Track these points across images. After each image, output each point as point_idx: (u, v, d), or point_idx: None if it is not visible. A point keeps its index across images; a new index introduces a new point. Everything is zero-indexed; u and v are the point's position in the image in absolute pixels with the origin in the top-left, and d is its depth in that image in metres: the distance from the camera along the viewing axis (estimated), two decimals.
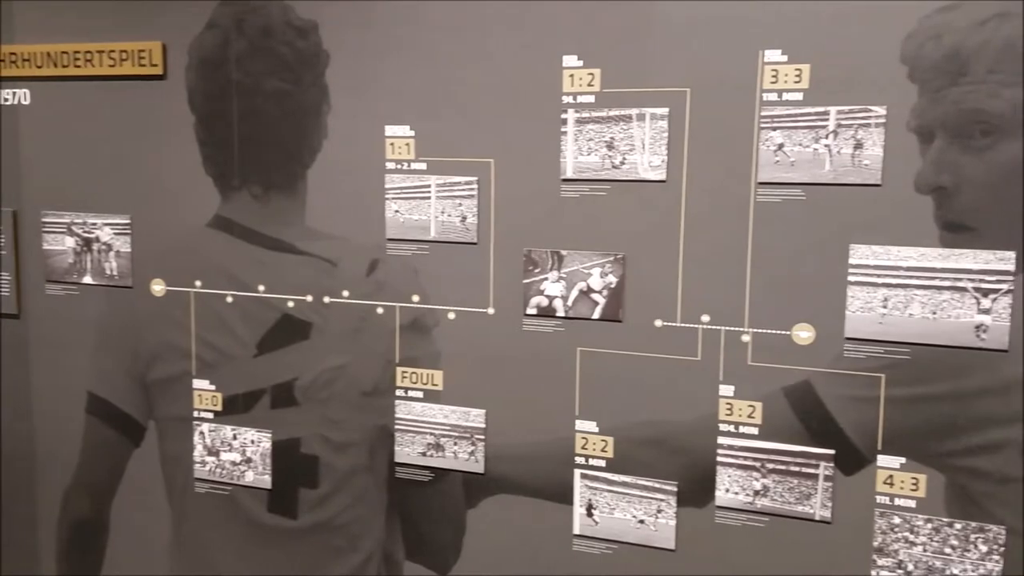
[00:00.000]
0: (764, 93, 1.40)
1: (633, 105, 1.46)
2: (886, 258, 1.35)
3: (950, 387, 1.33)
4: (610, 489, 1.53)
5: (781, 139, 1.40)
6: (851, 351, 1.38)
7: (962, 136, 1.30)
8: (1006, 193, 1.29)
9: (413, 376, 1.63)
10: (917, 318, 1.35)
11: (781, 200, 1.41)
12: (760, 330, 1.43)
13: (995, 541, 1.33)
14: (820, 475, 1.41)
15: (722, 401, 1.46)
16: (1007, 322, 1.30)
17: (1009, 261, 1.29)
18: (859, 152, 1.36)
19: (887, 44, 1.33)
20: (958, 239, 1.32)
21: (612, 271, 1.50)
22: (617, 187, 1.49)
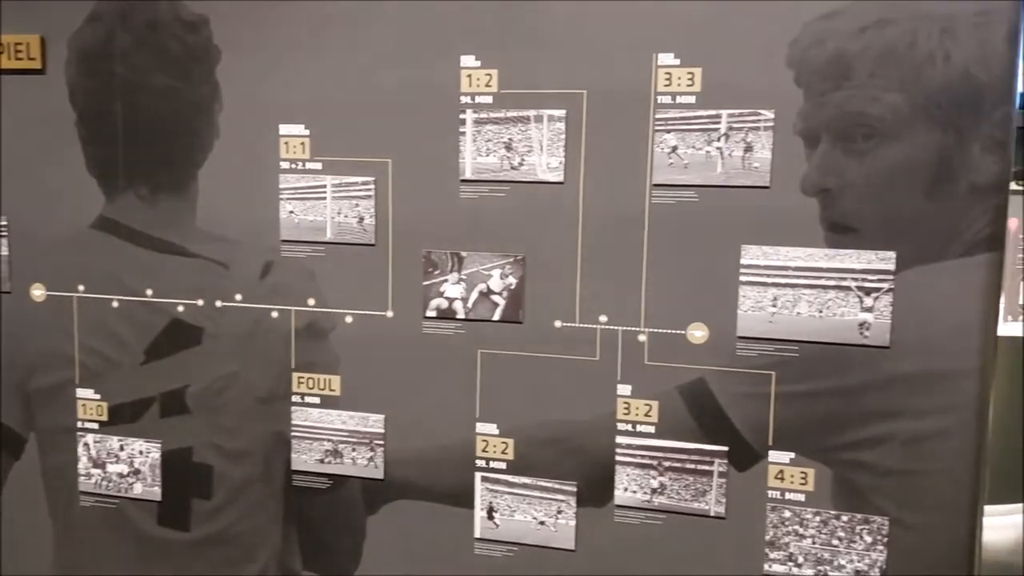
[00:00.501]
0: (658, 96, 1.41)
1: (531, 106, 1.46)
2: (775, 258, 1.39)
3: (836, 383, 1.38)
4: (511, 491, 1.52)
5: (675, 142, 1.42)
6: (743, 349, 1.41)
7: (845, 139, 1.34)
8: (887, 195, 1.34)
9: (310, 381, 1.59)
10: (805, 316, 1.38)
11: (675, 202, 1.43)
12: (656, 330, 1.45)
13: (879, 532, 1.37)
14: (715, 472, 1.43)
15: (620, 400, 1.47)
16: (888, 320, 1.34)
17: (890, 261, 1.34)
18: (749, 155, 1.39)
19: (774, 49, 1.36)
20: (842, 240, 1.36)
21: (512, 272, 1.49)
22: (516, 188, 1.48)
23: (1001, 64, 1.28)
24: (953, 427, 1.33)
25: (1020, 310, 2.89)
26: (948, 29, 1.29)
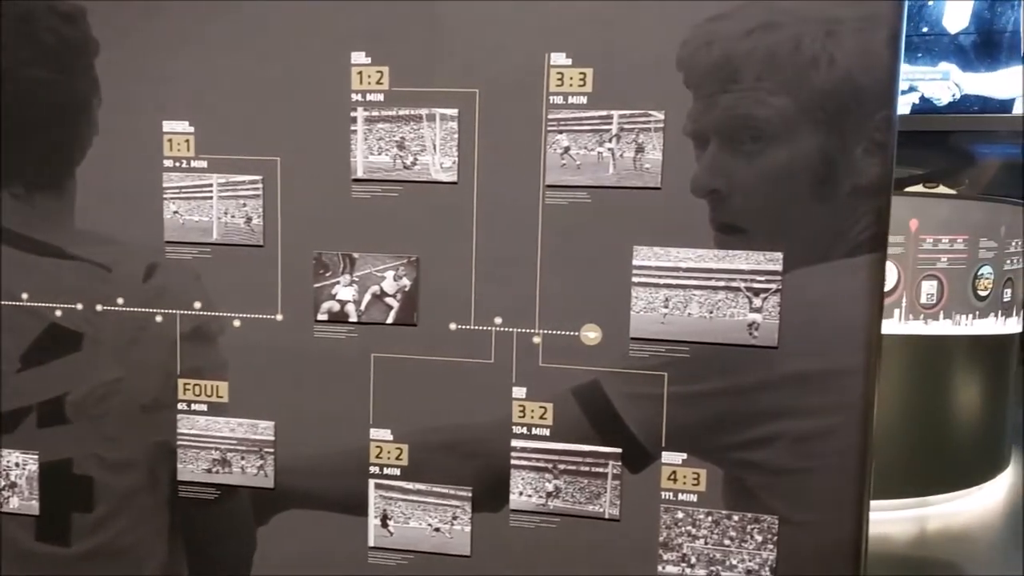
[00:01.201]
0: (551, 96, 1.40)
1: (423, 105, 1.43)
2: (667, 259, 1.39)
3: (726, 383, 1.38)
4: (405, 498, 1.49)
5: (567, 142, 1.41)
6: (636, 350, 1.41)
7: (733, 141, 1.35)
8: (774, 196, 1.35)
9: (196, 388, 1.53)
10: (695, 317, 1.39)
11: (568, 203, 1.42)
12: (550, 331, 1.44)
13: (769, 531, 1.39)
14: (609, 474, 1.43)
15: (515, 403, 1.45)
16: (776, 320, 1.36)
17: (777, 262, 1.36)
18: (640, 156, 1.39)
19: (664, 50, 1.36)
20: (731, 241, 1.37)
21: (406, 274, 1.46)
22: (409, 188, 1.45)
23: (882, 68, 1.31)
24: (839, 425, 1.35)
25: (920, 308, 2.99)
26: (832, 33, 1.31)
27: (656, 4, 1.36)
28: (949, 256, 2.99)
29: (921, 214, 2.96)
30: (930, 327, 2.99)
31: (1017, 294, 3.29)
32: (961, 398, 3.15)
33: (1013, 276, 3.22)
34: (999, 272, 3.12)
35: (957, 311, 3.02)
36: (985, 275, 3.07)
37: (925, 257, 2.96)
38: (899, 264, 2.93)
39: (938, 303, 2.99)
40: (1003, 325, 3.19)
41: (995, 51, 5.77)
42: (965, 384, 3.17)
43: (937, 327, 3.00)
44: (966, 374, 3.17)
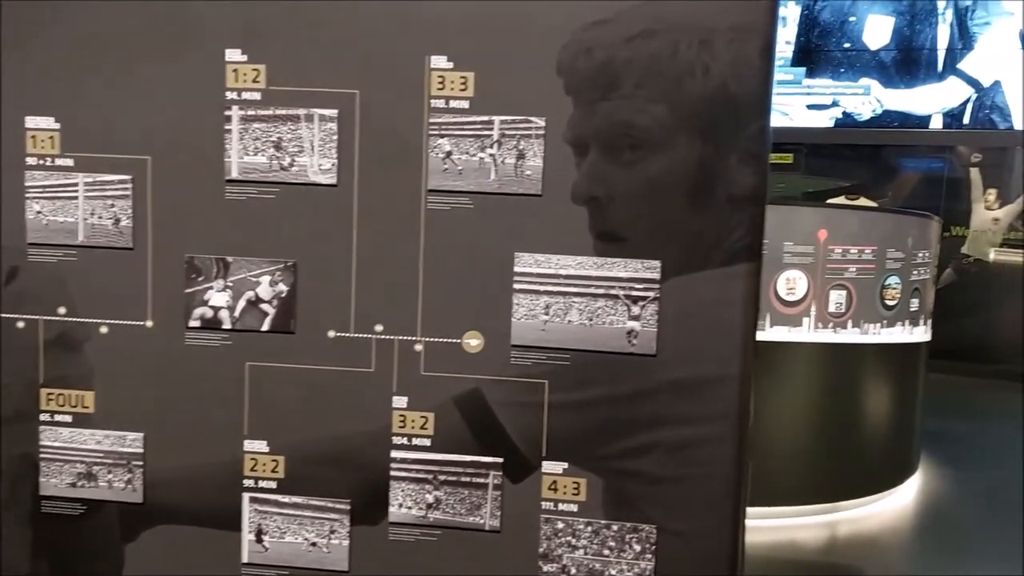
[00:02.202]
0: (432, 100, 1.38)
1: (301, 105, 1.39)
2: (548, 266, 1.37)
3: (606, 391, 1.37)
4: (281, 512, 1.44)
5: (449, 147, 1.38)
6: (517, 358, 1.39)
7: (613, 149, 1.35)
8: (652, 205, 1.35)
9: (60, 398, 1.46)
10: (576, 325, 1.37)
11: (450, 208, 1.39)
12: (432, 339, 1.41)
13: (648, 540, 1.38)
14: (489, 484, 1.40)
15: (395, 413, 1.42)
16: (654, 328, 1.35)
17: (655, 270, 1.35)
18: (522, 162, 1.37)
19: (545, 56, 1.35)
20: (610, 248, 1.36)
21: (282, 279, 1.42)
22: (286, 190, 1.41)
23: (756, 78, 1.31)
24: (715, 434, 1.35)
25: (829, 317, 3.04)
26: (707, 42, 1.31)
27: (537, 8, 1.34)
28: (858, 266, 3.05)
29: (830, 225, 3.02)
30: (839, 336, 3.04)
31: (924, 304, 3.37)
32: (870, 405, 3.22)
33: (920, 286, 3.30)
34: (906, 282, 3.20)
35: (865, 320, 3.08)
36: (893, 285, 3.14)
37: (834, 267, 3.01)
38: (808, 274, 2.98)
39: (847, 312, 3.05)
40: (910, 334, 3.27)
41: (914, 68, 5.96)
42: (874, 392, 3.24)
43: (846, 336, 3.06)
44: (875, 382, 3.24)
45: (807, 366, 3.05)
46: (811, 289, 2.98)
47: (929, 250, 3.35)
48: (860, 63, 5.95)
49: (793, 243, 2.98)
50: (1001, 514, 3.16)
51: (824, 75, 5.97)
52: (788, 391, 3.04)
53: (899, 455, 3.38)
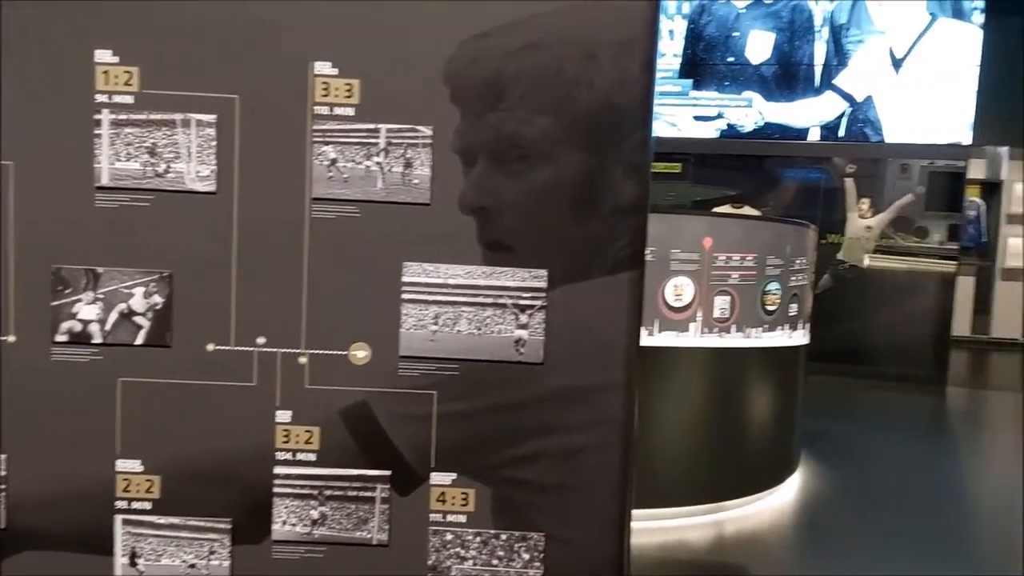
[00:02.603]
0: (316, 106, 1.35)
1: (177, 109, 1.34)
2: (436, 276, 1.37)
3: (494, 400, 1.37)
4: (156, 534, 1.38)
5: (334, 154, 1.36)
6: (405, 369, 1.37)
7: (500, 159, 1.35)
8: (539, 215, 1.36)
9: None
10: (465, 334, 1.37)
11: (336, 216, 1.37)
12: (318, 351, 1.38)
13: (536, 548, 1.38)
14: (377, 498, 1.38)
15: (279, 428, 1.38)
16: (541, 336, 1.36)
17: (542, 279, 1.36)
18: (409, 171, 1.36)
19: (432, 65, 1.34)
20: (499, 258, 1.37)
21: (157, 291, 1.36)
22: (161, 197, 1.35)
23: (638, 93, 1.34)
24: (601, 441, 1.37)
25: (714, 322, 3.15)
26: (591, 57, 1.33)
27: (423, 18, 1.34)
28: (740, 273, 3.17)
29: (715, 233, 3.12)
30: (724, 340, 3.15)
31: (803, 308, 3.53)
32: (753, 407, 3.34)
33: (798, 291, 3.45)
34: (785, 288, 3.34)
35: (748, 325, 3.20)
36: (772, 291, 3.27)
37: (718, 274, 3.12)
38: (695, 280, 3.07)
39: (730, 317, 3.15)
40: (790, 338, 3.41)
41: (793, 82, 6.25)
42: (756, 394, 3.36)
43: (730, 340, 3.16)
44: (757, 385, 3.36)
45: (694, 370, 3.14)
46: (697, 295, 3.07)
47: (806, 257, 3.51)
48: (743, 77, 6.21)
49: (680, 250, 3.06)
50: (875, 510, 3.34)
51: (710, 88, 6.20)
52: (676, 395, 3.12)
53: (780, 455, 3.52)
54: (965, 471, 3.98)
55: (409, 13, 1.34)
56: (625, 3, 1.33)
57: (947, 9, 5.91)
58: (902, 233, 6.22)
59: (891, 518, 3.24)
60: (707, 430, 3.18)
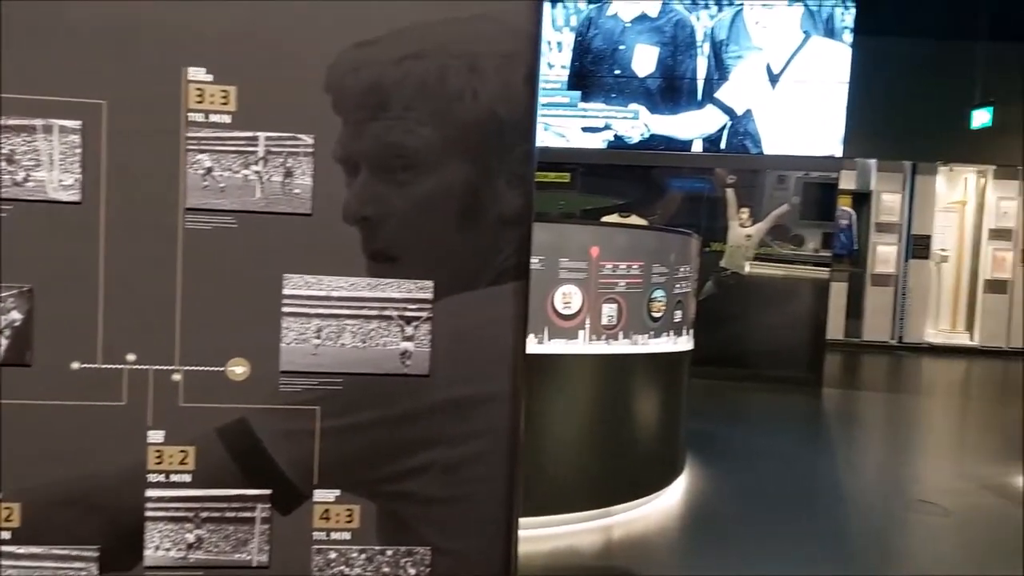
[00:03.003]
0: (190, 113, 1.30)
1: (38, 114, 1.26)
2: (319, 288, 1.34)
3: (380, 414, 1.35)
4: (16, 564, 1.29)
5: (210, 163, 1.31)
6: (287, 384, 1.34)
7: (384, 169, 1.34)
8: (424, 225, 1.35)
9: None
10: (349, 347, 1.34)
11: (212, 228, 1.32)
12: (193, 368, 1.32)
13: (422, 563, 1.37)
14: (257, 518, 1.34)
15: (151, 449, 1.31)
16: (427, 348, 1.35)
17: (428, 290, 1.35)
18: (289, 180, 1.33)
19: (312, 73, 1.32)
20: (384, 269, 1.35)
21: (16, 306, 1.27)
22: (20, 207, 1.27)
23: (520, 104, 1.36)
24: (487, 451, 1.37)
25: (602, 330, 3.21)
26: (475, 68, 1.34)
27: (304, 25, 1.31)
28: (627, 280, 3.24)
29: (601, 242, 3.19)
30: (611, 347, 3.21)
31: (687, 315, 3.64)
32: (640, 412, 3.42)
33: (682, 298, 3.56)
34: (670, 295, 3.44)
35: (634, 332, 3.28)
36: (658, 298, 3.37)
37: (605, 282, 3.18)
38: (583, 288, 3.12)
39: (618, 324, 3.22)
40: (674, 344, 3.52)
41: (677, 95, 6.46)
42: (643, 399, 3.44)
43: (617, 347, 3.23)
44: (644, 390, 3.45)
45: (583, 377, 3.19)
46: (585, 303, 3.12)
47: (690, 265, 3.62)
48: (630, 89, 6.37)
49: (569, 259, 3.11)
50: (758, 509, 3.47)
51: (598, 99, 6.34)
52: (566, 402, 3.16)
53: (667, 458, 3.62)
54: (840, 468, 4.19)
55: (289, 19, 1.31)
56: (507, 16, 1.34)
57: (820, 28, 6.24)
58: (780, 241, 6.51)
59: (773, 516, 3.38)
60: (596, 436, 3.24)
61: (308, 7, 1.31)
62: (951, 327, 8.82)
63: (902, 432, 5.25)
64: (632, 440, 3.37)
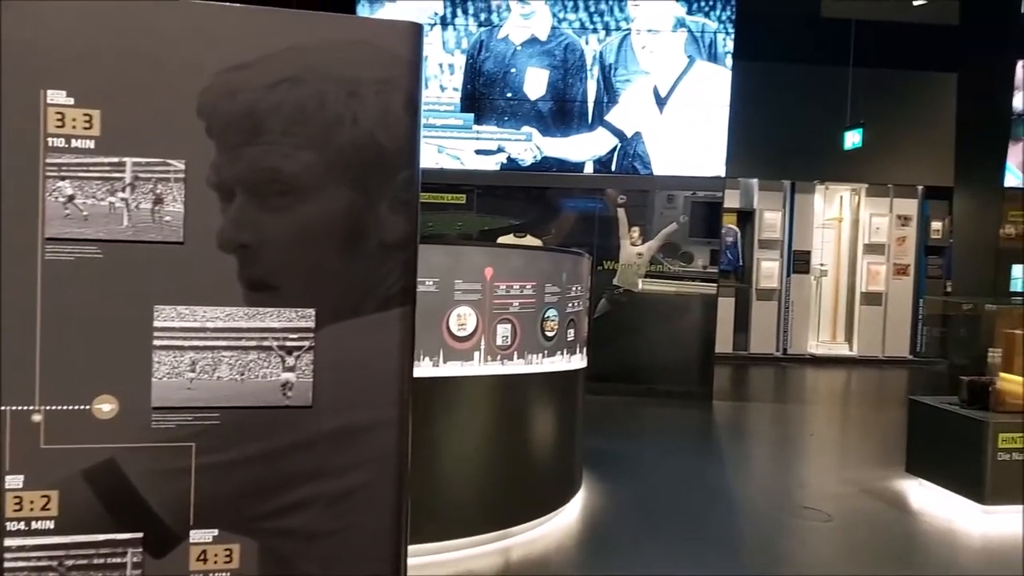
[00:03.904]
0: (49, 138, 1.23)
1: None
2: (193, 319, 1.28)
3: (260, 448, 1.31)
4: None
5: (71, 190, 1.24)
6: (159, 421, 1.28)
7: (261, 195, 1.30)
8: (305, 252, 1.32)
9: None
10: (226, 380, 1.30)
11: (74, 258, 1.25)
12: (55, 407, 1.25)
13: None
14: (128, 563, 1.27)
15: (9, 495, 1.23)
16: (310, 378, 1.32)
17: (309, 318, 1.32)
18: (159, 207, 1.27)
19: (184, 96, 1.27)
20: (263, 298, 1.31)
21: None
22: None
23: (402, 130, 1.35)
24: (374, 480, 1.35)
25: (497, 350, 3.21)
26: (354, 93, 1.32)
27: (175, 48, 1.26)
28: (520, 301, 3.26)
29: (495, 263, 3.20)
30: (506, 367, 3.22)
31: (579, 333, 3.69)
32: (536, 431, 3.44)
33: (575, 317, 3.61)
34: (563, 314, 3.48)
35: (529, 351, 3.29)
36: (551, 317, 3.40)
37: (500, 303, 3.19)
38: (477, 310, 3.12)
39: (512, 344, 3.23)
40: (568, 362, 3.56)
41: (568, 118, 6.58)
42: (539, 418, 3.46)
43: (512, 367, 3.24)
44: (539, 409, 3.46)
45: (478, 398, 3.18)
46: (480, 324, 3.12)
47: (582, 284, 3.68)
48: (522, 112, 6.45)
49: (463, 281, 3.11)
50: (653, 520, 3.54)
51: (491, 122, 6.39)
52: (462, 424, 3.15)
53: (564, 476, 3.64)
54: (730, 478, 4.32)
55: (159, 41, 1.26)
56: (386, 41, 1.33)
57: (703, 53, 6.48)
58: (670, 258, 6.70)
59: (668, 527, 3.45)
60: (493, 457, 3.23)
61: (179, 29, 1.27)
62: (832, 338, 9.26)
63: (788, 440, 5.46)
64: (529, 460, 3.38)
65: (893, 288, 8.99)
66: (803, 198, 8.99)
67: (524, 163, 6.48)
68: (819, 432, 5.74)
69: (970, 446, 3.71)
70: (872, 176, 8.83)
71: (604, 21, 6.42)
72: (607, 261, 6.60)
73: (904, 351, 8.91)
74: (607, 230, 6.76)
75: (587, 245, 6.54)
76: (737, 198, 8.95)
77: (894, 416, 4.89)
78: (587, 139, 6.59)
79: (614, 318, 6.61)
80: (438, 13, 6.30)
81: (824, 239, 9.18)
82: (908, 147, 8.67)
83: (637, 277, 6.73)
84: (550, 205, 6.93)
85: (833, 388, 7.74)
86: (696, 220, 6.69)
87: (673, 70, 6.51)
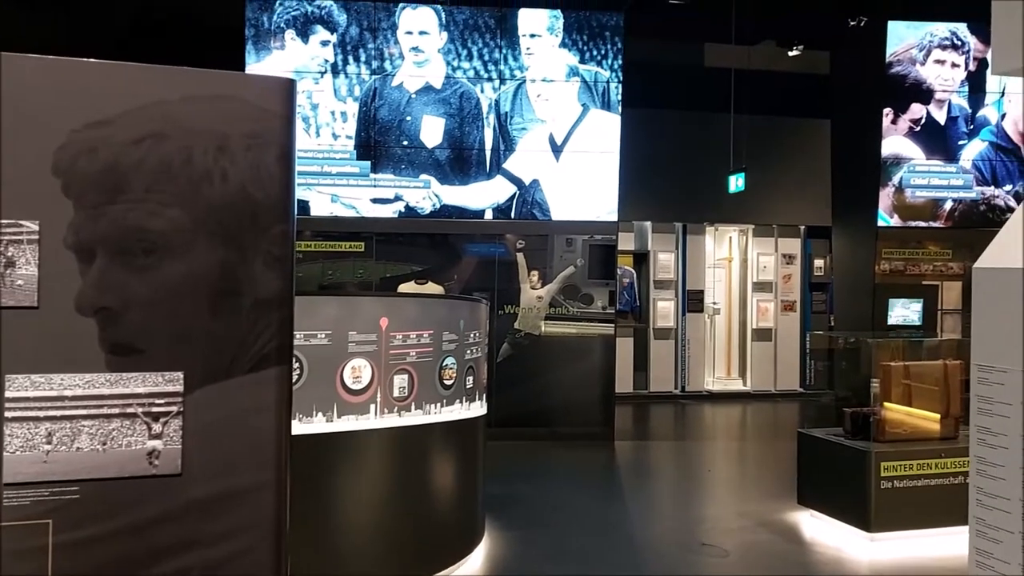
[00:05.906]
0: None
1: None
2: (48, 388, 1.21)
3: (125, 521, 1.24)
4: None
5: None
6: (12, 498, 1.19)
7: (125, 254, 1.25)
8: (173, 312, 1.27)
9: None
10: (86, 451, 1.23)
11: None
12: None
13: None
14: None
15: None
16: (179, 445, 1.26)
17: (178, 382, 1.27)
18: (11, 271, 1.21)
19: (37, 155, 1.22)
20: (126, 362, 1.25)
21: None
22: None
23: (275, 184, 1.32)
24: (252, 546, 1.29)
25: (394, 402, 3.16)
26: (223, 148, 1.29)
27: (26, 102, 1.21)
28: (417, 350, 3.23)
29: (390, 313, 3.16)
30: (404, 419, 3.17)
31: (478, 380, 3.68)
32: (436, 482, 3.39)
33: (474, 364, 3.60)
34: (461, 362, 3.46)
35: (427, 401, 3.26)
36: (449, 365, 3.38)
37: (396, 352, 3.15)
38: (372, 361, 3.07)
39: (410, 395, 3.19)
40: (468, 409, 3.53)
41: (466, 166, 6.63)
42: (440, 468, 3.41)
43: (410, 418, 3.19)
44: (439, 459, 3.42)
45: (376, 452, 3.12)
46: (376, 376, 3.07)
47: (480, 330, 3.68)
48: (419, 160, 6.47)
49: (357, 332, 3.06)
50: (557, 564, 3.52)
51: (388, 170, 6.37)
52: (359, 479, 3.07)
53: (466, 525, 3.59)
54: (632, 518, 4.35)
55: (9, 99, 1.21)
56: (255, 96, 1.31)
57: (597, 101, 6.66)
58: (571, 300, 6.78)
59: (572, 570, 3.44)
60: (392, 511, 3.16)
61: (33, 86, 1.21)
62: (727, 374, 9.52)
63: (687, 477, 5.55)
64: (430, 512, 3.32)
65: (782, 324, 9.34)
66: (694, 239, 9.29)
67: (423, 211, 6.48)
68: (716, 468, 5.87)
69: (854, 476, 3.85)
70: (757, 217, 9.21)
71: (499, 70, 6.54)
72: (508, 305, 6.63)
73: (795, 384, 9.24)
74: (508, 275, 6.81)
75: (489, 290, 6.56)
76: (632, 240, 9.17)
77: (786, 448, 5.05)
78: (486, 187, 6.65)
79: (516, 362, 6.63)
80: (328, 60, 6.27)
81: (716, 278, 9.48)
82: (790, 189, 9.10)
83: (539, 320, 6.78)
84: (451, 251, 6.94)
85: (730, 423, 7.95)
86: (593, 263, 6.82)
87: (568, 118, 6.67)
